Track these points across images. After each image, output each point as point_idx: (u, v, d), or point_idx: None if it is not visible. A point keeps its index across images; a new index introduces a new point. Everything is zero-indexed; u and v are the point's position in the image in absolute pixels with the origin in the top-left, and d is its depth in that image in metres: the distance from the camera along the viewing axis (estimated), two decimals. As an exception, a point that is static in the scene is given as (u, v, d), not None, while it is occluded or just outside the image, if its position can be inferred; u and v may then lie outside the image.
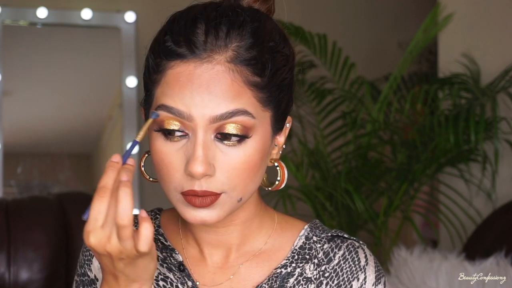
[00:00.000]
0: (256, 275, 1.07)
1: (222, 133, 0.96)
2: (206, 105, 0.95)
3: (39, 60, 3.76)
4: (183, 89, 0.96)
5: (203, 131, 0.96)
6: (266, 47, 0.99)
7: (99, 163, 3.95)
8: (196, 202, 0.97)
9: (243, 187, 0.99)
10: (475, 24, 3.00)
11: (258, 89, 0.98)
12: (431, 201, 3.04)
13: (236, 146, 0.97)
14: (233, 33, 0.98)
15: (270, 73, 0.99)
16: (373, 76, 3.22)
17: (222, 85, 0.96)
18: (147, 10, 3.70)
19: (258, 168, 1.00)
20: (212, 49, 0.97)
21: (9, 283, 2.15)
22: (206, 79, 0.96)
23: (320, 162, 2.90)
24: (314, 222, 1.12)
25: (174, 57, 0.98)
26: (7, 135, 3.60)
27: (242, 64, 0.97)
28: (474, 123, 2.56)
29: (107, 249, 0.92)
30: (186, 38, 0.97)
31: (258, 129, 0.98)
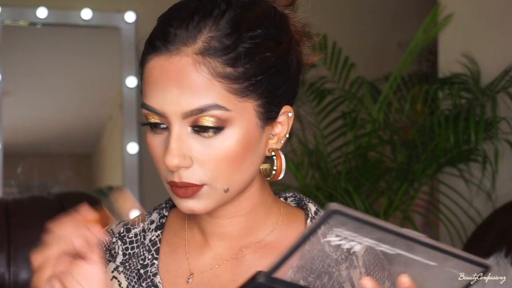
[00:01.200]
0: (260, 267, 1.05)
1: (197, 125, 0.96)
2: (177, 101, 0.95)
3: (39, 60, 3.75)
4: (155, 85, 0.97)
5: (178, 125, 0.96)
6: (245, 36, 0.97)
7: (99, 163, 3.95)
8: (180, 192, 0.99)
9: (227, 178, 0.99)
10: (475, 24, 3.00)
11: (231, 80, 0.96)
12: (431, 201, 3.04)
13: (213, 138, 0.97)
14: (206, 23, 0.96)
15: (247, 63, 0.96)
16: (373, 76, 3.22)
17: (188, 79, 0.95)
18: (147, 10, 3.70)
19: (241, 158, 0.98)
20: (181, 41, 0.96)
21: (9, 283, 2.15)
22: (175, 73, 0.95)
23: (320, 162, 2.90)
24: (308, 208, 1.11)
25: (150, 51, 0.98)
26: (7, 135, 3.60)
27: (211, 55, 0.95)
28: (474, 123, 2.56)
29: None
30: (162, 31, 0.98)
31: (236, 120, 0.97)
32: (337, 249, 0.83)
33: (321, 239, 0.80)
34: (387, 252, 0.81)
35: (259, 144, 1.01)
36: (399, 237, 0.79)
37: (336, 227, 0.78)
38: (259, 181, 1.06)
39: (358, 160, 2.83)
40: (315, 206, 1.11)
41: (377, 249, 0.81)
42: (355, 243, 0.81)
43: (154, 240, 1.10)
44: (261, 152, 1.02)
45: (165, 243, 1.10)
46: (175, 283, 1.07)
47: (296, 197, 1.14)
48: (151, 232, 1.11)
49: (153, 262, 1.08)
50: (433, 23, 2.93)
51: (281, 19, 1.04)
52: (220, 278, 1.07)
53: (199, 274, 1.07)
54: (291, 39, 1.04)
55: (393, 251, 0.81)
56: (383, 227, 0.78)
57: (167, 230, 1.11)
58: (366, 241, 0.80)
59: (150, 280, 1.07)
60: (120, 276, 1.08)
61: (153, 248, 1.09)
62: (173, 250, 1.10)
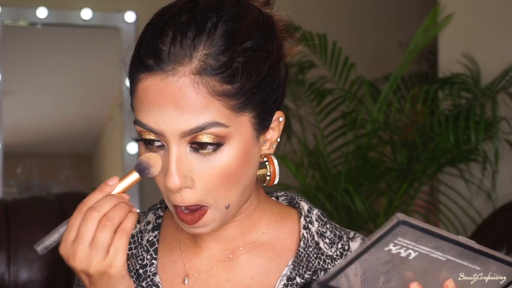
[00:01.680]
0: (255, 266, 1.07)
1: (196, 142, 0.95)
2: (175, 121, 0.94)
3: (39, 60, 3.75)
4: (151, 105, 0.95)
5: (176, 145, 0.95)
6: (239, 49, 0.95)
7: (99, 163, 3.95)
8: (187, 219, 0.99)
9: (225, 195, 0.98)
10: (475, 24, 3.00)
11: (229, 97, 0.95)
12: (431, 201, 3.04)
13: (212, 155, 0.96)
14: (200, 40, 0.94)
15: (243, 78, 0.95)
16: (373, 76, 3.22)
17: (188, 100, 0.93)
18: (147, 10, 3.69)
19: (239, 173, 0.98)
20: (176, 60, 0.93)
21: (9, 283, 2.15)
22: (172, 94, 0.93)
23: (320, 162, 2.90)
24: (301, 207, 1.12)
25: (143, 69, 0.95)
26: (7, 135, 3.60)
27: (209, 74, 0.93)
28: (474, 123, 2.56)
29: (74, 264, 0.95)
30: (154, 49, 0.95)
31: (233, 135, 0.96)
32: (392, 257, 0.84)
33: (383, 248, 0.82)
34: (439, 258, 0.84)
35: (254, 153, 1.00)
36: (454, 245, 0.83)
37: (399, 237, 0.81)
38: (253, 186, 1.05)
39: (358, 160, 2.83)
40: (307, 204, 1.12)
41: (430, 256, 0.84)
42: (411, 251, 0.83)
43: (151, 240, 1.10)
44: (256, 161, 1.01)
45: (162, 243, 1.11)
46: (172, 283, 1.08)
47: (288, 196, 1.14)
48: (148, 233, 1.11)
49: (152, 262, 1.08)
50: (433, 23, 2.93)
51: (269, 25, 1.02)
52: (216, 278, 1.07)
53: (195, 275, 1.07)
54: (280, 46, 1.03)
55: (445, 257, 0.84)
56: (443, 236, 0.81)
57: (163, 230, 1.12)
58: (423, 249, 0.83)
59: (150, 279, 1.07)
60: None
61: (151, 248, 1.09)
62: (170, 250, 1.10)
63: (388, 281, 0.86)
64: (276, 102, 1.01)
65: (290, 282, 1.05)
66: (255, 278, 1.06)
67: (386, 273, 0.86)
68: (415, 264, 0.85)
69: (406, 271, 0.85)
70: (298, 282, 1.05)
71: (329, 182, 2.83)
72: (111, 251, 0.94)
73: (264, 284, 1.06)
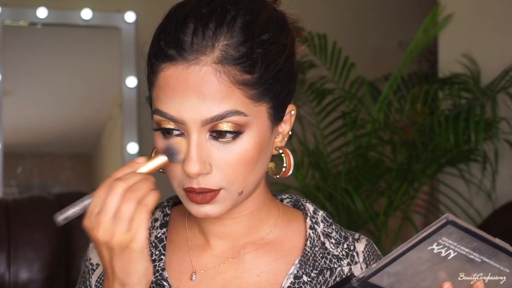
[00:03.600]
0: (262, 264, 1.08)
1: (216, 131, 0.97)
2: (196, 109, 0.96)
3: (39, 60, 3.75)
4: (173, 94, 0.97)
5: (197, 133, 0.97)
6: (257, 41, 0.98)
7: (99, 163, 3.95)
8: (197, 199, 1.00)
9: (242, 181, 1.00)
10: (475, 24, 3.00)
11: (248, 86, 0.97)
12: (431, 201, 3.04)
13: (231, 143, 0.98)
14: (221, 31, 0.97)
15: (262, 68, 0.98)
16: (373, 76, 3.22)
17: (210, 88, 0.96)
18: (147, 10, 3.70)
19: (256, 161, 1.00)
20: (198, 49, 0.96)
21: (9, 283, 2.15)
22: (194, 82, 0.96)
23: (320, 162, 2.90)
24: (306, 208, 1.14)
25: (164, 59, 0.98)
26: (7, 135, 3.60)
27: (230, 64, 0.96)
28: (474, 123, 2.56)
29: (97, 235, 0.95)
30: (176, 39, 0.97)
31: (252, 125, 0.99)
32: (432, 256, 0.85)
33: (427, 247, 0.83)
34: (475, 259, 0.86)
35: (269, 144, 1.03)
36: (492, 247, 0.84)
37: (444, 236, 0.82)
38: (263, 182, 1.08)
39: (358, 160, 2.83)
40: (312, 206, 1.14)
41: (467, 256, 0.85)
42: (451, 251, 0.84)
43: (160, 237, 1.11)
44: (270, 152, 1.04)
45: (169, 240, 1.12)
46: (179, 279, 1.09)
47: (292, 198, 1.17)
48: (156, 230, 1.12)
49: (160, 258, 1.09)
50: (433, 23, 2.93)
51: (282, 20, 1.05)
52: (223, 275, 1.08)
53: (202, 272, 1.09)
54: (293, 41, 1.05)
55: (480, 259, 0.86)
56: (484, 238, 0.83)
57: (170, 228, 1.13)
58: (463, 249, 0.84)
59: (159, 274, 1.08)
60: None
61: (160, 245, 1.11)
62: (176, 248, 1.11)
63: (424, 279, 0.87)
64: (289, 95, 1.04)
65: (297, 281, 1.07)
66: (262, 276, 1.08)
67: (424, 271, 0.86)
68: (451, 263, 0.86)
69: (441, 271, 0.86)
70: (305, 280, 1.07)
71: (329, 182, 2.83)
72: (134, 226, 0.94)
73: (271, 282, 1.07)
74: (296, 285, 1.07)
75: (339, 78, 3.02)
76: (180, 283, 1.09)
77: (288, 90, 1.03)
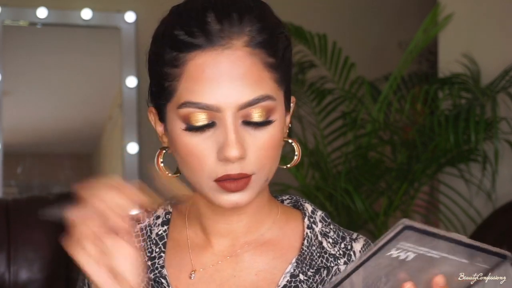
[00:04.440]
0: (260, 263, 1.09)
1: (248, 116, 0.99)
2: (232, 93, 0.97)
3: (39, 60, 3.75)
4: (208, 81, 0.97)
5: (233, 117, 0.98)
6: (273, 29, 1.02)
7: (99, 163, 3.95)
8: (232, 186, 1.00)
9: (269, 167, 1.03)
10: (475, 24, 3.00)
11: (274, 69, 1.01)
12: (431, 201, 3.04)
13: (262, 128, 1.00)
14: (245, 18, 1.00)
15: (281, 53, 1.02)
16: (373, 76, 3.22)
17: (244, 70, 0.98)
18: (147, 10, 3.70)
19: (279, 146, 1.04)
20: (229, 36, 0.98)
21: (9, 283, 2.15)
22: (228, 66, 0.97)
23: (320, 162, 2.90)
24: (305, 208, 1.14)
25: (192, 48, 0.98)
26: (7, 135, 3.60)
27: (257, 46, 0.99)
28: (474, 123, 2.56)
29: None
30: (201, 28, 0.98)
31: (278, 110, 1.02)
32: (392, 260, 0.85)
33: (386, 253, 0.84)
34: (434, 257, 0.86)
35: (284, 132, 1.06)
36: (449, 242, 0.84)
37: (402, 241, 0.83)
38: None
39: (358, 160, 2.83)
40: (311, 206, 1.15)
41: (426, 255, 0.85)
42: (410, 253, 0.85)
43: (161, 234, 1.12)
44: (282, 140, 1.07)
45: (169, 238, 1.13)
46: (178, 278, 1.10)
47: (293, 199, 1.18)
48: (157, 227, 1.13)
49: (160, 255, 1.10)
50: (433, 23, 2.93)
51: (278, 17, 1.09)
52: (222, 273, 1.09)
53: (201, 270, 1.09)
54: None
55: (439, 255, 0.86)
56: (441, 235, 0.83)
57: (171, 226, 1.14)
58: (421, 250, 0.84)
59: (158, 271, 1.09)
60: None
61: (160, 242, 1.11)
62: (176, 246, 1.12)
63: (385, 283, 0.87)
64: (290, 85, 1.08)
65: (293, 279, 1.07)
66: (259, 274, 1.08)
67: (385, 276, 0.87)
68: (411, 264, 0.86)
69: (401, 272, 0.86)
70: (301, 279, 1.08)
71: (329, 182, 2.83)
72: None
73: (268, 281, 1.08)
74: (293, 284, 1.07)
75: (339, 78, 3.02)
76: (179, 281, 1.09)
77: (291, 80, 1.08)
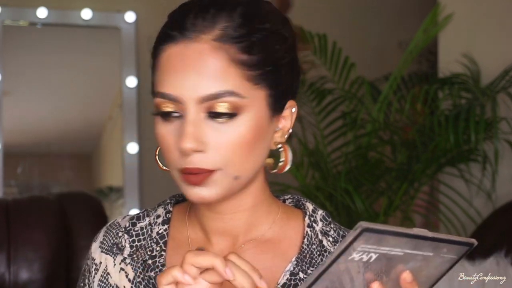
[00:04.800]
0: (260, 262, 1.08)
1: (212, 111, 0.99)
2: (194, 86, 0.98)
3: (39, 60, 3.76)
4: (174, 72, 0.99)
5: (194, 110, 0.99)
6: (257, 27, 1.01)
7: (99, 163, 3.95)
8: (192, 179, 1.01)
9: (238, 165, 1.01)
10: (475, 24, 3.00)
11: (246, 66, 0.99)
12: (431, 201, 3.04)
13: (227, 123, 0.99)
14: (221, 14, 1.00)
15: (260, 51, 1.00)
16: (373, 76, 3.22)
17: (208, 64, 0.98)
18: (147, 10, 3.70)
19: (252, 146, 1.01)
20: (200, 29, 0.99)
21: (9, 283, 2.15)
22: (194, 59, 0.98)
23: (320, 162, 2.90)
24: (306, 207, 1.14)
25: (167, 40, 1.01)
26: (7, 135, 3.60)
27: (228, 41, 0.99)
28: (474, 123, 2.56)
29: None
30: (179, 22, 1.01)
31: (249, 108, 1.00)
32: (354, 264, 0.85)
33: (347, 258, 0.83)
34: (397, 254, 0.85)
35: (268, 134, 1.04)
36: (411, 238, 0.84)
37: (362, 244, 0.82)
38: (262, 177, 1.09)
39: (358, 160, 2.83)
40: (312, 205, 1.15)
41: (389, 254, 0.85)
42: (372, 254, 0.84)
43: (161, 233, 1.12)
44: (268, 143, 1.05)
45: (171, 237, 1.13)
46: None
47: (294, 198, 1.18)
48: (158, 226, 1.13)
49: (161, 254, 1.10)
50: (433, 23, 2.93)
51: (285, 17, 1.08)
52: None
53: None
54: (294, 37, 1.08)
55: (402, 252, 0.85)
56: (401, 233, 0.83)
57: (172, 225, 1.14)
58: (383, 249, 0.84)
59: (159, 269, 1.09)
60: (127, 268, 1.11)
61: (161, 241, 1.12)
62: (176, 245, 1.12)
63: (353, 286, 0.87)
64: (290, 89, 1.06)
65: (293, 277, 1.08)
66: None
67: (350, 280, 0.86)
68: (375, 264, 0.86)
69: (367, 273, 0.86)
70: (301, 277, 1.08)
71: (329, 182, 2.83)
72: None
73: (268, 279, 1.08)
74: (292, 282, 1.07)
75: (339, 78, 3.02)
76: None
77: (288, 82, 1.05)
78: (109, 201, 3.75)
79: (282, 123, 1.07)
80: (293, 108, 1.07)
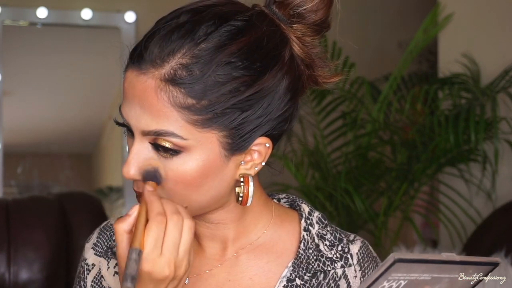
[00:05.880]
0: (254, 267, 1.07)
1: (155, 144, 0.96)
2: (138, 118, 0.95)
3: (39, 60, 3.76)
4: (126, 97, 0.97)
5: (139, 139, 0.97)
6: (220, 68, 0.94)
7: (99, 163, 3.95)
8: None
9: (181, 198, 0.97)
10: (475, 24, 3.00)
11: (191, 111, 0.94)
12: (431, 201, 3.04)
13: (171, 159, 0.96)
14: (182, 46, 0.94)
15: (215, 96, 0.94)
16: (373, 76, 3.22)
17: (150, 102, 0.94)
18: (147, 10, 3.70)
19: (198, 184, 0.97)
20: (152, 60, 0.94)
21: (9, 283, 2.15)
22: (139, 92, 0.95)
23: (320, 162, 2.90)
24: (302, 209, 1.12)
25: (128, 63, 0.98)
26: (7, 135, 3.60)
27: (175, 84, 0.93)
28: (474, 123, 2.56)
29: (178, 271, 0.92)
30: (144, 44, 0.97)
31: (194, 148, 0.95)
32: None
33: (378, 286, 0.85)
34: (426, 279, 0.87)
35: (223, 171, 0.98)
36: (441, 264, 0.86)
37: (393, 273, 0.84)
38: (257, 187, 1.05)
39: (358, 160, 2.83)
40: (308, 207, 1.12)
41: (418, 279, 0.86)
42: (402, 281, 0.86)
43: None
44: (226, 178, 0.99)
45: None
46: None
47: (289, 198, 1.15)
48: None
49: None
50: (433, 23, 2.93)
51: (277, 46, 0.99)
52: (216, 278, 1.07)
53: (196, 275, 1.08)
54: (282, 68, 1.00)
55: (431, 276, 0.87)
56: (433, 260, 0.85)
57: None
58: (412, 276, 0.86)
59: None
60: None
61: None
62: None
63: None
64: (261, 127, 0.98)
65: (290, 284, 1.06)
66: (254, 278, 1.07)
67: None
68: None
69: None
70: (298, 283, 1.06)
71: (329, 182, 2.83)
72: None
73: (263, 285, 1.06)
74: None
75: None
76: None
77: (256, 121, 0.97)
78: (109, 201, 3.75)
79: (252, 156, 1.00)
80: (266, 144, 0.99)
